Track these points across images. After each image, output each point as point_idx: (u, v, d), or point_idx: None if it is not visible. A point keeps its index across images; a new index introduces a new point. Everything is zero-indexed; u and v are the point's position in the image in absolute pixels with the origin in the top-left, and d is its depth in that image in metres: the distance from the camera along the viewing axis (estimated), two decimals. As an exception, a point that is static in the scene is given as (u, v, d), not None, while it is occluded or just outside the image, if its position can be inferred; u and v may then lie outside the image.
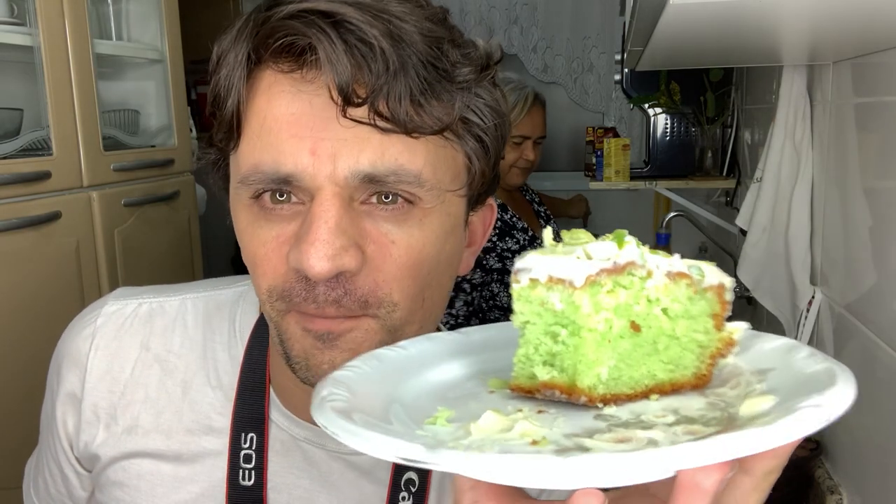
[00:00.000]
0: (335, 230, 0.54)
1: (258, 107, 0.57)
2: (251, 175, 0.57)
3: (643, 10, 0.98)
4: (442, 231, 0.60)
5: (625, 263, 0.41)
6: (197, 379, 0.72)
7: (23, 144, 1.82)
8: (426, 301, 0.61)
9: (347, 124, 0.54)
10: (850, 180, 1.16)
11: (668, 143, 2.32)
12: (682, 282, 0.43)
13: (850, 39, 0.98)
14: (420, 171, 0.56)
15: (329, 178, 0.54)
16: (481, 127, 0.60)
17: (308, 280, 0.56)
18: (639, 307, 0.42)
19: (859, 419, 1.12)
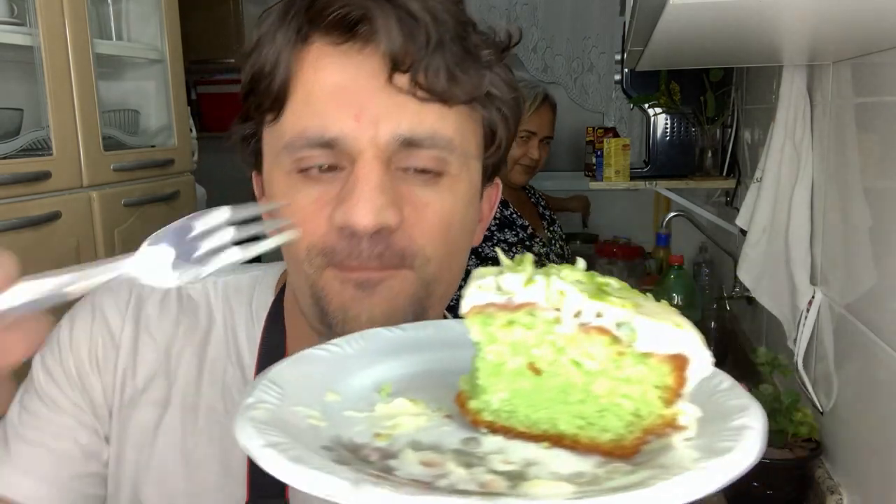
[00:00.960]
0: (378, 188, 0.59)
1: (305, 78, 0.62)
2: (297, 140, 0.62)
3: (643, 10, 0.98)
4: (467, 197, 0.67)
5: (521, 303, 0.39)
6: (221, 357, 0.75)
7: (23, 144, 1.82)
8: (452, 265, 0.67)
9: (390, 92, 0.60)
10: (850, 180, 1.16)
11: (668, 143, 2.32)
12: (598, 338, 0.39)
13: (850, 39, 0.98)
14: (452, 137, 0.63)
15: (371, 141, 0.60)
16: (501, 100, 0.67)
17: (352, 236, 0.60)
18: (540, 351, 0.40)
19: (859, 419, 1.12)
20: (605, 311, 0.39)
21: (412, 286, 0.63)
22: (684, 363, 0.38)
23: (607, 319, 0.39)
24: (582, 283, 0.40)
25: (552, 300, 0.39)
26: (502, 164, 0.73)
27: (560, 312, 0.39)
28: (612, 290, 0.41)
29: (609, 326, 0.39)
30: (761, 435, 0.38)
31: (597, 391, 0.39)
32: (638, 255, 2.47)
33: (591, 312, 0.39)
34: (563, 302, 0.39)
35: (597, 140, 2.38)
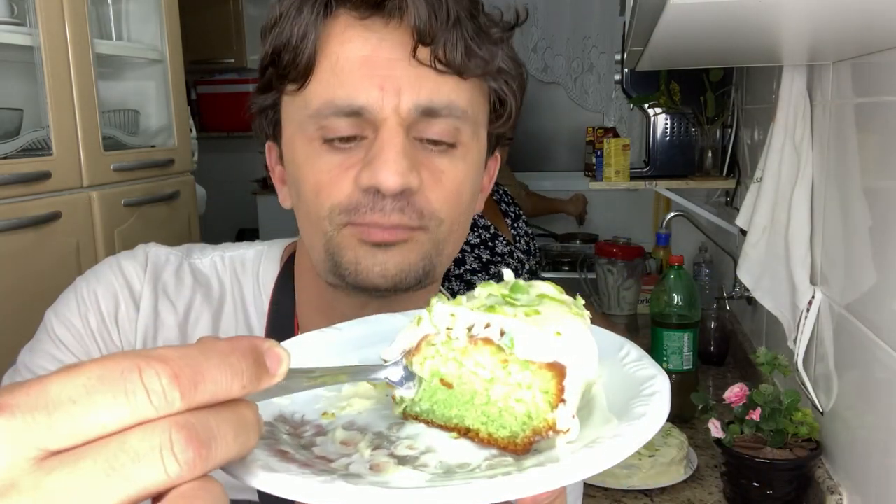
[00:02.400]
0: (402, 152, 0.64)
1: (330, 50, 0.66)
2: (324, 108, 0.65)
3: (643, 10, 0.98)
4: (476, 165, 0.72)
5: (418, 341, 0.45)
6: (232, 327, 0.78)
7: (23, 144, 1.82)
8: (460, 228, 0.72)
9: (413, 64, 0.65)
10: (850, 180, 1.16)
11: (668, 143, 2.32)
12: (484, 347, 0.42)
13: (850, 39, 0.98)
14: (466, 107, 0.68)
15: (394, 109, 0.65)
16: (509, 74, 0.72)
17: (376, 195, 0.65)
18: (446, 368, 0.44)
19: (859, 419, 1.12)
20: (492, 322, 0.42)
21: (425, 246, 0.68)
22: (562, 371, 0.41)
23: (493, 330, 0.42)
24: (493, 296, 0.45)
25: (443, 324, 0.43)
26: (502, 138, 0.78)
27: (451, 330, 0.43)
28: (520, 301, 0.44)
29: (493, 336, 0.42)
30: (668, 398, 0.42)
31: (495, 396, 0.43)
32: (638, 255, 2.47)
33: (481, 325, 0.42)
34: (455, 322, 0.43)
35: (597, 140, 2.37)
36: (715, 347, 2.13)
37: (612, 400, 0.44)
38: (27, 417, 0.28)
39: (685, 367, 1.69)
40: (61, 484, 0.28)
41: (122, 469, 0.29)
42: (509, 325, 0.42)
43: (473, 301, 0.45)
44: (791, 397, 1.24)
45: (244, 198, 4.22)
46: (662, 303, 1.70)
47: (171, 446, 0.29)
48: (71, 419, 0.28)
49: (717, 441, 1.29)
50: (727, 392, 1.30)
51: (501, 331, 0.42)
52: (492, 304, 0.43)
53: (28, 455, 0.28)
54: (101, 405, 0.29)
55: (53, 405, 0.28)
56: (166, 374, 0.30)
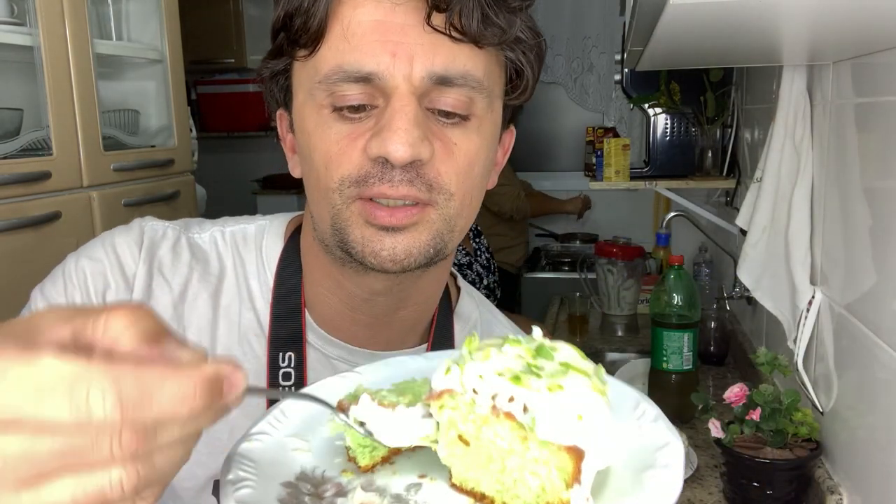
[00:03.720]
0: (413, 122, 0.62)
1: (342, 14, 0.64)
2: (333, 74, 0.63)
3: (643, 10, 0.98)
4: (491, 138, 0.70)
5: (441, 391, 0.45)
6: (234, 303, 0.76)
7: (23, 144, 1.82)
8: (472, 202, 0.70)
9: (427, 31, 0.62)
10: (850, 180, 1.16)
11: (668, 143, 2.32)
12: (506, 422, 0.43)
13: (850, 39, 0.98)
14: (481, 77, 0.65)
15: (406, 77, 0.63)
16: (527, 45, 0.69)
17: (385, 165, 0.63)
18: (465, 426, 0.44)
19: (859, 419, 1.12)
20: (517, 395, 0.42)
21: (436, 224, 0.66)
22: (580, 455, 0.41)
23: (516, 405, 0.42)
24: (521, 358, 0.44)
25: (470, 384, 0.43)
26: (518, 110, 0.76)
27: (477, 395, 0.43)
28: (545, 370, 0.44)
29: (516, 412, 0.42)
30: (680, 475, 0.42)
31: (510, 466, 0.43)
32: (638, 255, 2.47)
33: (506, 396, 0.42)
34: (482, 385, 0.43)
35: (597, 140, 2.38)
36: (715, 347, 2.13)
37: (627, 465, 0.44)
38: None
39: (685, 367, 1.69)
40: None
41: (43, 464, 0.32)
42: (533, 401, 0.42)
43: (501, 360, 0.44)
44: (791, 397, 1.24)
45: (244, 198, 4.22)
46: (662, 303, 1.70)
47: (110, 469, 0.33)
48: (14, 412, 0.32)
49: (717, 441, 1.29)
50: (727, 392, 1.30)
51: (525, 407, 0.42)
52: (519, 370, 0.43)
53: None
54: (47, 409, 0.32)
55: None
56: (111, 398, 0.32)
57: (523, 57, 0.69)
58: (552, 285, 3.40)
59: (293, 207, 1.45)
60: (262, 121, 4.44)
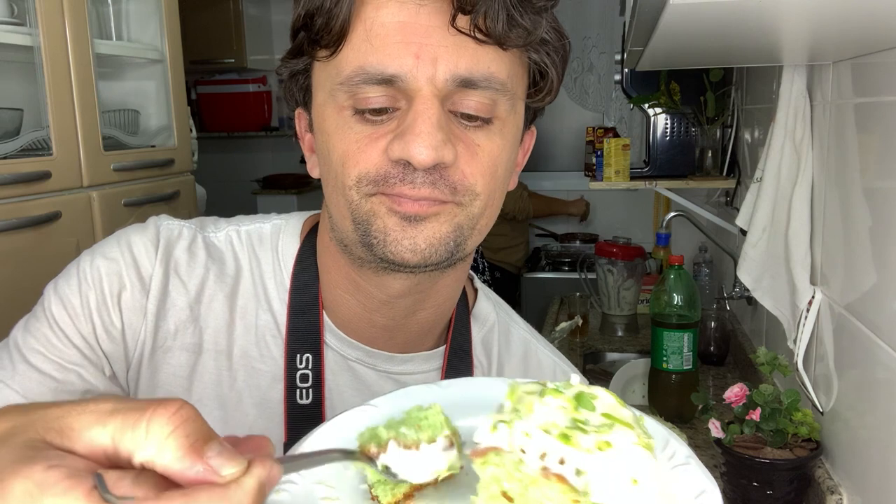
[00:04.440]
0: (437, 125, 0.61)
1: (365, 14, 0.63)
2: (356, 75, 0.63)
3: (643, 10, 0.98)
4: (513, 139, 0.69)
5: (485, 448, 0.44)
6: (251, 304, 0.75)
7: (23, 144, 1.82)
8: (494, 203, 0.70)
9: (451, 33, 0.62)
10: (850, 180, 1.16)
11: (668, 143, 2.32)
12: (557, 485, 0.41)
13: (850, 39, 0.98)
14: (505, 79, 0.65)
15: (429, 80, 0.62)
16: (552, 46, 0.68)
17: (407, 167, 0.62)
18: (510, 485, 0.43)
19: (859, 419, 1.12)
20: (568, 456, 0.41)
21: (458, 218, 0.66)
22: None
23: (568, 467, 0.41)
24: (564, 409, 0.43)
25: (518, 443, 0.43)
26: (540, 111, 0.75)
27: (525, 454, 0.42)
28: (591, 422, 0.43)
29: (567, 475, 0.41)
30: None
31: None
32: (638, 255, 2.47)
33: (556, 457, 0.41)
34: (529, 443, 0.42)
35: (597, 140, 2.38)
36: (715, 347, 2.13)
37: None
38: None
39: (685, 367, 1.69)
40: None
41: None
42: (585, 464, 0.41)
43: (544, 412, 0.43)
44: (791, 397, 1.24)
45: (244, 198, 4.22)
46: (662, 303, 1.70)
47: None
48: None
49: (717, 441, 1.29)
50: (727, 392, 1.30)
51: (577, 470, 0.41)
52: (564, 425, 0.42)
53: None
54: None
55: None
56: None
57: (547, 58, 0.69)
58: (552, 285, 3.40)
59: (293, 207, 1.45)
60: (263, 121, 4.44)
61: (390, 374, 0.76)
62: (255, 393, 0.73)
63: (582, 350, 2.35)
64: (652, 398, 1.75)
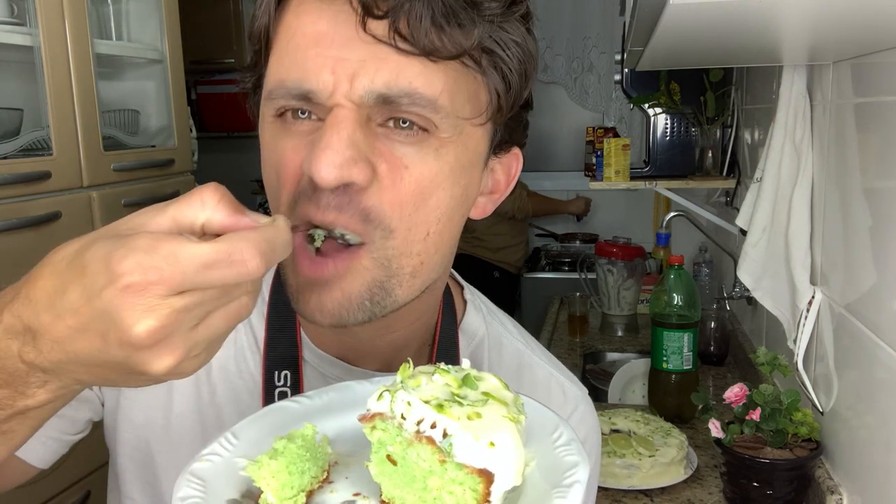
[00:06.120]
0: (346, 140, 0.55)
1: (287, 23, 0.59)
2: (276, 90, 0.59)
3: (643, 10, 0.98)
4: (458, 164, 0.60)
5: (373, 414, 0.50)
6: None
7: (23, 144, 1.82)
8: (430, 235, 0.61)
9: (368, 40, 0.55)
10: (850, 180, 1.16)
11: (668, 143, 2.32)
12: (427, 446, 0.48)
13: (850, 39, 0.98)
14: (436, 96, 0.56)
15: (345, 95, 0.56)
16: (505, 61, 0.60)
17: (316, 188, 0.56)
18: (393, 447, 0.49)
19: (859, 419, 1.12)
20: (439, 422, 0.47)
21: (369, 272, 0.59)
22: (490, 478, 0.47)
23: (437, 431, 0.47)
24: (447, 387, 0.50)
25: (399, 409, 0.49)
26: (517, 136, 0.67)
27: (405, 420, 0.49)
28: (468, 398, 0.49)
29: (436, 437, 0.47)
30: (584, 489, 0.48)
31: (431, 485, 0.49)
32: (638, 255, 2.47)
33: (429, 422, 0.48)
34: (409, 411, 0.48)
35: (597, 140, 2.37)
36: (715, 347, 2.13)
37: (538, 482, 0.50)
38: None
39: (685, 367, 1.69)
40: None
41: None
42: (452, 428, 0.47)
43: (430, 388, 0.50)
44: (791, 397, 1.24)
45: (244, 198, 4.22)
46: (662, 303, 1.70)
47: None
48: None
49: (717, 441, 1.29)
50: (727, 392, 1.30)
51: (445, 432, 0.47)
52: (444, 398, 0.49)
53: None
54: (215, 278, 0.43)
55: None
56: (258, 258, 0.44)
57: (496, 75, 0.60)
58: (552, 285, 3.40)
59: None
60: (262, 121, 4.43)
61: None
62: (233, 409, 0.72)
63: (582, 350, 2.35)
64: (652, 398, 1.75)
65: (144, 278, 0.41)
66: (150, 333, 0.42)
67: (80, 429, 0.76)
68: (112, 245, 0.43)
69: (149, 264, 0.41)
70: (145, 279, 0.41)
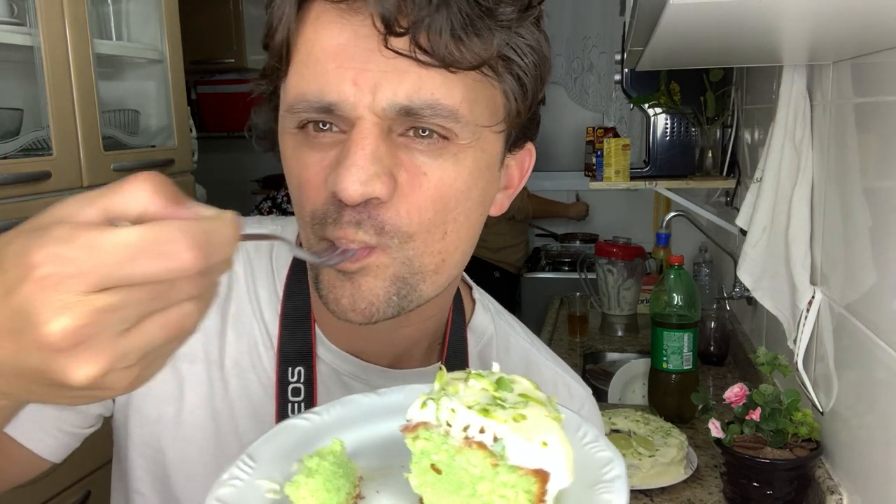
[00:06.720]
0: (371, 157, 0.57)
1: (306, 36, 0.59)
2: (297, 103, 0.59)
3: (643, 10, 0.98)
4: (476, 168, 0.62)
5: (416, 424, 0.49)
6: (245, 312, 0.74)
7: (23, 144, 1.82)
8: (448, 234, 0.63)
9: (389, 55, 0.56)
10: (850, 180, 1.16)
11: (668, 143, 2.32)
12: (478, 451, 0.47)
13: (850, 39, 0.99)
14: (457, 106, 0.58)
15: (368, 108, 0.57)
16: (521, 66, 0.61)
17: (340, 204, 0.58)
18: (438, 456, 0.49)
19: (859, 419, 1.12)
20: (487, 427, 0.47)
21: (389, 268, 0.61)
22: (546, 477, 0.47)
23: (487, 435, 0.47)
24: (485, 391, 0.49)
25: (444, 417, 0.48)
26: (531, 132, 0.69)
27: (451, 427, 0.48)
28: (508, 401, 0.49)
29: (487, 442, 0.47)
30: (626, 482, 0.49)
31: (480, 490, 0.48)
32: (638, 255, 2.47)
33: (476, 427, 0.47)
34: (454, 418, 0.48)
35: (597, 140, 2.38)
36: (715, 347, 2.13)
37: (577, 483, 0.49)
38: None
39: (685, 367, 1.69)
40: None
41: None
42: (502, 431, 0.47)
43: (468, 394, 0.49)
44: (791, 397, 1.24)
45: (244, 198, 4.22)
46: (662, 303, 1.70)
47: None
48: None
49: (717, 441, 1.29)
50: (727, 392, 1.30)
51: (494, 436, 0.47)
52: (486, 403, 0.48)
53: None
54: (138, 269, 0.38)
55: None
56: (192, 250, 0.39)
57: (513, 80, 0.61)
58: (552, 285, 3.40)
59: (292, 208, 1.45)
60: (262, 121, 4.43)
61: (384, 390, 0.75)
62: (246, 404, 0.72)
63: (582, 350, 2.35)
64: (652, 398, 1.75)
65: (60, 270, 0.37)
66: (66, 334, 0.37)
67: (91, 423, 0.76)
68: (29, 237, 0.39)
69: (65, 255, 0.37)
70: (61, 271, 0.37)
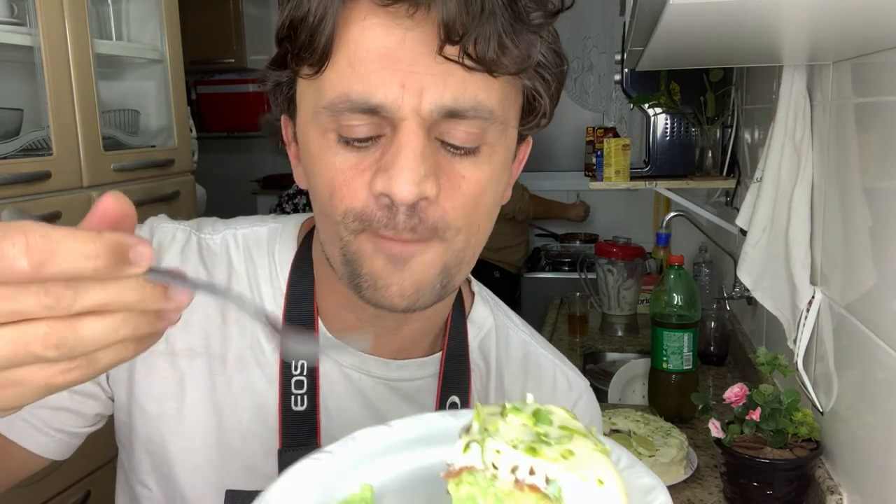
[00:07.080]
0: (420, 158, 0.59)
1: (350, 36, 0.60)
2: (340, 102, 0.60)
3: (643, 10, 0.98)
4: (503, 165, 0.66)
5: (459, 468, 0.46)
6: (242, 314, 0.74)
7: (23, 144, 1.82)
8: (481, 228, 0.67)
9: (438, 60, 0.58)
10: (850, 180, 1.16)
11: (668, 143, 2.32)
12: (531, 494, 0.44)
13: (850, 39, 0.99)
14: (495, 107, 0.61)
15: (415, 110, 0.59)
16: (546, 68, 0.65)
17: (391, 206, 0.60)
18: (485, 501, 0.46)
19: (859, 419, 1.12)
20: (537, 467, 0.44)
21: (442, 257, 0.64)
22: None
23: (538, 477, 0.44)
24: (525, 426, 0.46)
25: (489, 459, 0.45)
26: (536, 127, 0.73)
27: (498, 470, 0.45)
28: (551, 435, 0.46)
29: (540, 484, 0.44)
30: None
31: None
32: (638, 255, 2.47)
33: (526, 468, 0.44)
34: (500, 459, 0.45)
35: (597, 140, 2.37)
36: (715, 347, 2.13)
37: None
38: None
39: (685, 367, 1.69)
40: None
41: None
42: (554, 472, 0.44)
43: (508, 430, 0.46)
44: (791, 397, 1.24)
45: (244, 198, 4.23)
46: (662, 303, 1.70)
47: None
48: None
49: (717, 441, 1.29)
50: (727, 392, 1.30)
51: (546, 478, 0.44)
52: (530, 440, 0.45)
53: None
54: None
55: None
56: (21, 247, 0.36)
57: (541, 83, 0.65)
58: (552, 285, 3.40)
59: (293, 207, 1.45)
60: (263, 121, 4.44)
61: (386, 380, 0.76)
62: (249, 398, 0.73)
63: (582, 350, 2.35)
64: (652, 398, 1.75)
65: None
66: None
67: (90, 422, 0.76)
68: None
69: None
70: None
